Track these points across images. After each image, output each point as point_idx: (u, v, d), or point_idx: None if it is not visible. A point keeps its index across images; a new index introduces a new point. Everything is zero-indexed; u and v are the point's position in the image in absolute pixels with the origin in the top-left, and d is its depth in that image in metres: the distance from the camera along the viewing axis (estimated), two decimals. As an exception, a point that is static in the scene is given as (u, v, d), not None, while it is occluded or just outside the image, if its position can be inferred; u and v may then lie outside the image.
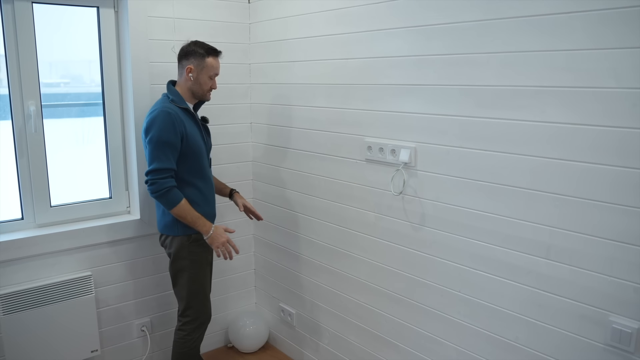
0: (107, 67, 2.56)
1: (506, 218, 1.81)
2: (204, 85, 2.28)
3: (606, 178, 1.54)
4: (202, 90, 2.29)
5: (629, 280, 1.53)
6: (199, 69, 2.25)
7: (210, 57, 2.27)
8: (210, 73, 2.27)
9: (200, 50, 2.24)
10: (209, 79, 2.28)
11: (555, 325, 1.72)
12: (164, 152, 2.14)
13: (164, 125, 2.13)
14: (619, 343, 1.56)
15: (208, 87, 2.30)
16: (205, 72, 2.26)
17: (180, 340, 2.38)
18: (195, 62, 2.24)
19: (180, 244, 2.28)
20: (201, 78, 2.27)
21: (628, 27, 1.44)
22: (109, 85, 2.58)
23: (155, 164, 2.13)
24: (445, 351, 2.10)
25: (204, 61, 2.25)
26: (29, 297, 2.32)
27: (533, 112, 1.69)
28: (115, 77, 2.59)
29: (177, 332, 2.39)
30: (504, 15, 1.72)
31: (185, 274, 2.31)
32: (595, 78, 1.53)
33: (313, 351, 2.81)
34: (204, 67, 2.25)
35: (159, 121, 2.14)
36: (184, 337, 2.37)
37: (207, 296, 2.41)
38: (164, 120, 2.14)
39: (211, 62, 2.27)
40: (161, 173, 2.14)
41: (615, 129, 1.51)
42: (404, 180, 2.13)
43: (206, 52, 2.25)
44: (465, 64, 1.85)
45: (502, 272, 1.85)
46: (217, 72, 2.31)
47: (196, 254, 2.32)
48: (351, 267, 2.48)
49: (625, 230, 1.52)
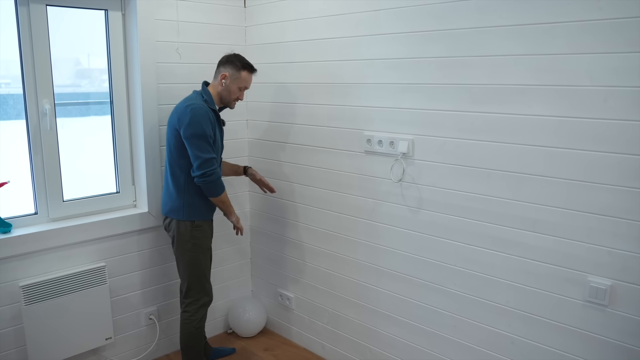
0: (115, 68, 2.68)
1: (497, 198, 2.10)
2: (232, 94, 2.50)
3: (582, 161, 1.85)
4: (229, 97, 2.50)
5: (603, 245, 1.84)
6: (232, 79, 2.47)
7: (245, 71, 2.48)
8: (240, 85, 2.49)
9: (238, 63, 2.47)
10: (238, 89, 2.50)
11: (541, 288, 2.02)
12: (209, 144, 2.37)
13: (205, 120, 2.35)
14: (595, 298, 1.87)
15: (235, 97, 2.51)
16: (236, 82, 2.48)
17: (186, 321, 2.56)
18: (231, 71, 2.46)
19: (185, 228, 2.49)
20: (232, 87, 2.48)
21: (601, 36, 1.75)
22: (117, 84, 2.70)
23: (206, 154, 2.35)
24: (442, 319, 2.37)
25: (239, 72, 2.47)
26: (48, 288, 2.42)
27: (520, 107, 1.98)
28: (122, 77, 2.71)
29: (182, 314, 2.58)
30: (495, 24, 2.00)
31: (187, 256, 2.52)
32: (573, 78, 1.83)
33: (313, 331, 3.03)
34: (237, 78, 2.47)
35: (202, 116, 2.34)
36: (188, 318, 2.56)
37: (207, 279, 2.61)
38: (205, 116, 2.35)
39: (245, 75, 2.48)
40: (213, 163, 2.38)
41: (589, 120, 1.82)
42: (403, 169, 2.38)
43: (243, 65, 2.47)
44: (460, 65, 2.12)
45: (494, 245, 2.13)
46: (248, 86, 2.52)
47: (197, 239, 2.52)
48: (350, 250, 2.71)
49: (599, 204, 1.83)
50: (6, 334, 2.38)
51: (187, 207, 2.47)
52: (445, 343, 2.37)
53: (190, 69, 2.85)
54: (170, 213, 2.51)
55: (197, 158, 2.35)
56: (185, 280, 2.56)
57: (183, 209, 2.47)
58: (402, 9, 2.28)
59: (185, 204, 2.47)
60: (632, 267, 1.79)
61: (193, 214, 2.48)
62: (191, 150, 2.35)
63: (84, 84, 2.65)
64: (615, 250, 1.81)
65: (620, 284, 1.82)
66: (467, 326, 2.28)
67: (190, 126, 2.33)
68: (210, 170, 2.36)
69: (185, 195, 2.46)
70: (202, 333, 2.64)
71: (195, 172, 2.37)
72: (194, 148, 2.35)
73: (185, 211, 2.47)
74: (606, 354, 1.88)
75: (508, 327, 2.14)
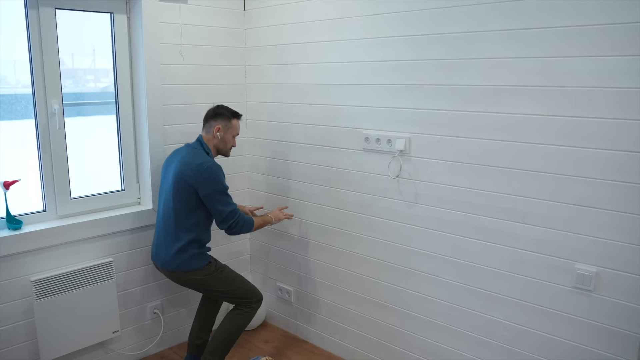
0: (120, 69, 2.76)
1: (489, 192, 2.23)
2: (228, 143, 2.64)
3: (569, 156, 1.98)
4: (226, 147, 2.65)
5: (589, 234, 1.98)
6: (226, 129, 2.61)
7: (235, 119, 2.63)
8: (234, 133, 2.64)
9: (227, 113, 2.61)
10: (232, 137, 2.64)
11: (531, 276, 2.15)
12: (229, 196, 2.53)
13: (221, 175, 2.50)
14: (582, 284, 2.01)
15: (230, 145, 2.66)
16: (230, 132, 2.62)
17: (245, 313, 2.65)
18: (223, 123, 2.59)
19: (207, 271, 2.58)
20: (226, 137, 2.62)
21: (585, 40, 1.89)
22: (122, 85, 2.78)
23: (230, 207, 2.51)
24: (438, 308, 2.50)
25: (230, 122, 2.61)
26: (58, 282, 2.50)
27: (510, 106, 2.11)
28: (127, 77, 2.80)
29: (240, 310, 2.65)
30: (487, 29, 2.13)
31: (225, 279, 2.62)
32: (559, 79, 1.97)
33: (312, 323, 3.14)
34: (230, 127, 2.62)
35: (218, 174, 2.48)
36: (248, 312, 2.66)
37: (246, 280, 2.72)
38: (219, 171, 2.50)
39: (235, 123, 2.63)
40: (237, 212, 2.54)
41: (575, 118, 1.96)
42: (400, 165, 2.51)
43: (232, 115, 2.62)
44: (454, 67, 2.25)
45: (487, 237, 2.26)
46: (238, 132, 2.67)
47: (216, 263, 2.65)
48: (348, 243, 2.83)
49: (584, 196, 1.97)
50: (18, 327, 2.46)
51: (199, 255, 2.56)
52: (440, 330, 2.50)
53: (192, 70, 2.95)
54: (183, 267, 2.54)
55: (221, 213, 2.49)
56: (237, 296, 2.64)
57: (194, 258, 2.55)
58: (399, 13, 2.40)
59: (196, 254, 2.55)
60: (615, 255, 1.93)
61: (205, 258, 2.60)
62: (214, 206, 2.48)
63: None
64: (600, 239, 1.95)
65: (604, 270, 1.96)
66: (461, 314, 2.41)
67: (210, 184, 2.45)
68: (234, 221, 2.51)
69: (194, 248, 2.55)
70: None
71: (221, 225, 2.52)
72: (216, 204, 2.48)
73: (198, 259, 2.56)
74: (592, 336, 2.02)
75: (499, 313, 2.27)
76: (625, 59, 1.81)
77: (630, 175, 1.86)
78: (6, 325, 2.43)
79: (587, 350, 2.04)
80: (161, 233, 2.58)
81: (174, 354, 3.04)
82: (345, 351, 2.97)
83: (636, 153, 1.83)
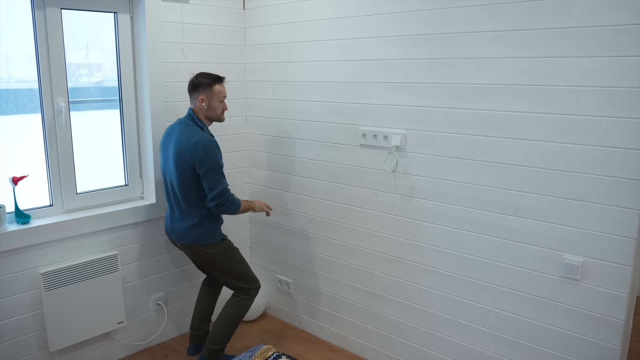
0: (124, 66, 2.83)
1: (481, 186, 2.32)
2: (216, 110, 2.61)
3: (557, 152, 2.08)
4: (216, 114, 2.62)
5: (576, 226, 2.08)
6: (210, 97, 2.57)
7: (217, 84, 2.58)
8: (219, 98, 2.59)
9: (206, 81, 2.56)
10: (219, 103, 2.60)
11: (522, 266, 2.26)
12: (222, 174, 2.54)
13: (216, 152, 2.52)
14: (569, 274, 2.12)
15: (220, 110, 2.63)
16: (214, 98, 2.58)
17: (244, 301, 2.74)
18: (205, 92, 2.56)
19: (219, 247, 2.67)
20: (213, 104, 2.59)
21: (573, 42, 1.98)
22: (126, 82, 2.86)
23: (220, 186, 2.52)
24: (432, 298, 2.60)
25: (211, 90, 2.57)
26: (66, 274, 2.58)
27: (501, 104, 2.21)
28: (130, 75, 2.87)
29: (239, 297, 2.73)
30: (479, 29, 2.22)
31: (233, 261, 2.71)
32: (548, 78, 2.07)
33: (310, 314, 3.24)
34: (213, 94, 2.57)
35: (213, 150, 2.50)
36: (246, 299, 2.75)
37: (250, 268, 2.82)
38: (215, 149, 2.51)
39: (218, 88, 2.58)
40: (226, 192, 2.55)
41: (563, 116, 2.05)
42: (396, 161, 2.60)
43: (212, 80, 2.57)
44: (447, 66, 2.34)
45: (479, 229, 2.36)
46: (225, 95, 2.63)
47: (230, 244, 2.73)
48: (346, 236, 2.92)
49: (571, 190, 2.07)
50: (27, 318, 2.54)
51: (214, 230, 2.65)
52: (435, 319, 2.60)
53: (193, 68, 3.02)
54: (197, 241, 2.62)
55: (211, 190, 2.51)
56: (244, 277, 2.73)
57: (211, 232, 2.64)
58: (395, 14, 2.48)
59: (211, 228, 2.63)
60: (600, 245, 2.03)
61: (219, 234, 2.68)
62: (206, 183, 2.51)
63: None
64: (586, 231, 2.06)
65: (590, 260, 2.06)
66: (454, 303, 2.51)
67: (204, 162, 2.48)
68: (223, 200, 2.53)
69: (209, 223, 2.62)
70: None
71: (210, 202, 2.54)
72: (209, 181, 2.51)
73: (215, 234, 2.65)
74: (579, 322, 2.13)
75: (492, 302, 2.38)
76: (610, 59, 1.91)
77: (614, 170, 1.96)
78: (16, 316, 2.51)
79: (574, 336, 2.15)
80: (175, 209, 2.64)
81: (177, 344, 3.14)
82: (344, 340, 3.07)
83: (621, 149, 1.93)
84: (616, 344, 2.05)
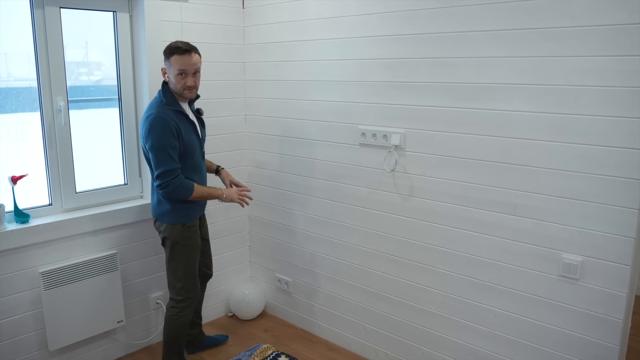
0: (123, 65, 2.83)
1: (481, 185, 2.33)
2: (177, 83, 2.38)
3: (556, 151, 2.08)
4: (176, 88, 2.39)
5: (575, 226, 2.08)
6: (169, 69, 2.38)
7: (175, 55, 2.34)
8: (176, 71, 2.34)
9: (167, 52, 2.37)
10: (179, 77, 2.36)
11: (520, 266, 2.26)
12: (167, 154, 2.34)
13: (161, 130, 2.31)
14: (568, 273, 2.12)
15: (181, 85, 2.37)
16: (172, 71, 2.36)
17: (173, 317, 2.61)
18: (165, 63, 2.40)
19: (176, 231, 2.53)
20: (172, 77, 2.38)
21: (572, 41, 1.98)
22: (125, 81, 2.85)
23: (162, 167, 2.34)
24: (431, 296, 2.60)
25: (169, 61, 2.36)
26: (65, 274, 2.58)
27: (501, 104, 2.21)
28: (129, 74, 2.87)
29: (170, 310, 2.62)
30: (478, 29, 2.22)
31: (180, 256, 2.57)
32: (548, 78, 2.07)
33: (310, 312, 3.24)
34: (170, 66, 2.37)
35: (157, 127, 2.32)
36: (177, 314, 2.61)
37: (196, 277, 2.65)
38: (160, 126, 2.32)
39: (175, 59, 2.34)
40: (170, 174, 2.36)
41: (562, 115, 2.05)
42: (395, 160, 2.60)
43: (170, 51, 2.36)
44: (447, 66, 2.34)
45: (478, 228, 2.36)
46: (184, 68, 2.34)
47: (188, 239, 2.56)
48: (345, 235, 2.93)
49: (570, 189, 2.07)
50: (27, 317, 2.54)
51: (176, 211, 2.50)
52: (433, 318, 2.61)
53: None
54: (160, 217, 2.54)
55: (155, 169, 2.36)
56: (180, 279, 2.58)
57: (172, 213, 2.50)
58: (394, 13, 2.48)
59: (173, 208, 2.49)
60: (600, 245, 2.03)
61: (182, 217, 2.52)
62: (152, 161, 2.38)
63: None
64: (585, 230, 2.06)
65: (589, 259, 2.07)
66: (453, 302, 2.52)
67: (148, 138, 2.34)
68: (165, 182, 2.35)
69: (165, 203, 2.50)
70: (186, 330, 2.69)
71: (154, 182, 2.40)
72: (153, 160, 2.37)
73: (175, 215, 2.50)
74: (577, 322, 2.13)
75: (490, 301, 2.38)
76: (609, 59, 1.91)
77: (614, 169, 1.96)
78: (16, 315, 2.51)
79: (573, 335, 2.15)
80: (152, 185, 2.57)
81: (176, 343, 3.14)
82: (343, 339, 3.08)
83: (620, 148, 1.94)
84: (615, 343, 2.05)
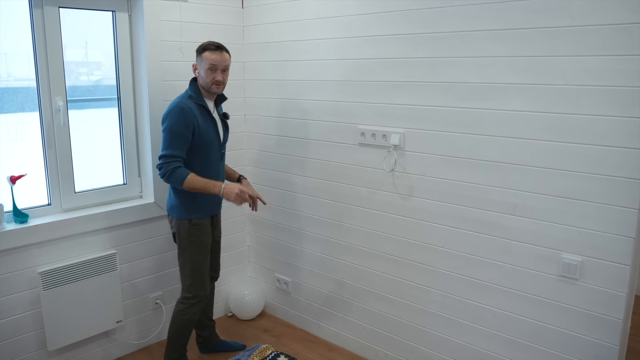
0: (122, 65, 2.83)
1: (480, 185, 2.32)
2: (206, 78, 2.50)
3: (556, 151, 2.08)
4: (205, 83, 2.52)
5: (574, 225, 2.08)
6: (200, 65, 2.52)
7: (206, 51, 2.49)
8: (207, 66, 2.48)
9: (199, 49, 2.53)
10: (209, 71, 2.49)
11: (520, 266, 2.26)
12: (174, 141, 2.43)
13: (177, 118, 2.43)
14: (568, 273, 2.12)
15: (210, 80, 2.50)
16: (203, 66, 2.50)
17: (180, 313, 2.65)
18: (197, 59, 2.54)
19: (183, 227, 2.57)
20: (202, 72, 2.51)
21: (572, 41, 1.98)
22: (124, 81, 2.85)
23: (165, 151, 2.44)
24: (431, 297, 2.60)
25: (201, 57, 2.51)
26: (64, 274, 2.58)
27: (501, 103, 2.21)
28: (129, 73, 2.86)
29: (179, 304, 2.67)
30: (478, 28, 2.21)
31: (187, 253, 2.61)
32: (548, 77, 2.06)
33: (309, 312, 3.24)
34: (202, 61, 2.50)
35: (174, 114, 2.44)
36: (184, 310, 2.64)
37: (205, 276, 2.66)
38: (177, 114, 2.43)
39: (207, 55, 2.49)
40: (168, 158, 2.43)
41: (562, 115, 2.05)
42: (395, 160, 2.59)
43: (202, 48, 2.52)
44: (446, 65, 2.34)
45: (478, 228, 2.36)
46: (215, 64, 2.49)
47: (195, 237, 2.59)
48: (345, 235, 2.92)
49: (570, 189, 2.07)
50: (25, 317, 2.54)
51: (184, 205, 2.54)
52: (433, 318, 2.61)
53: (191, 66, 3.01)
54: (170, 211, 2.61)
55: (160, 151, 2.47)
56: (188, 276, 2.62)
57: (180, 207, 2.55)
58: (394, 12, 2.48)
59: (182, 202, 2.54)
60: (599, 245, 2.03)
61: (190, 212, 2.55)
62: (161, 143, 2.48)
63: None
64: (585, 230, 2.06)
65: (589, 259, 2.06)
66: (453, 302, 2.51)
67: (164, 121, 2.47)
68: (160, 164, 2.44)
69: (181, 194, 2.53)
70: (192, 327, 2.72)
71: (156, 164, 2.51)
72: (162, 142, 2.47)
73: (183, 209, 2.55)
74: (577, 321, 2.13)
75: (490, 301, 2.38)
76: (609, 58, 1.91)
77: (613, 169, 1.96)
78: (14, 315, 2.50)
79: (572, 335, 2.15)
80: None
81: (175, 343, 3.13)
82: (342, 339, 3.07)
83: (620, 148, 1.93)
84: (615, 343, 2.05)
